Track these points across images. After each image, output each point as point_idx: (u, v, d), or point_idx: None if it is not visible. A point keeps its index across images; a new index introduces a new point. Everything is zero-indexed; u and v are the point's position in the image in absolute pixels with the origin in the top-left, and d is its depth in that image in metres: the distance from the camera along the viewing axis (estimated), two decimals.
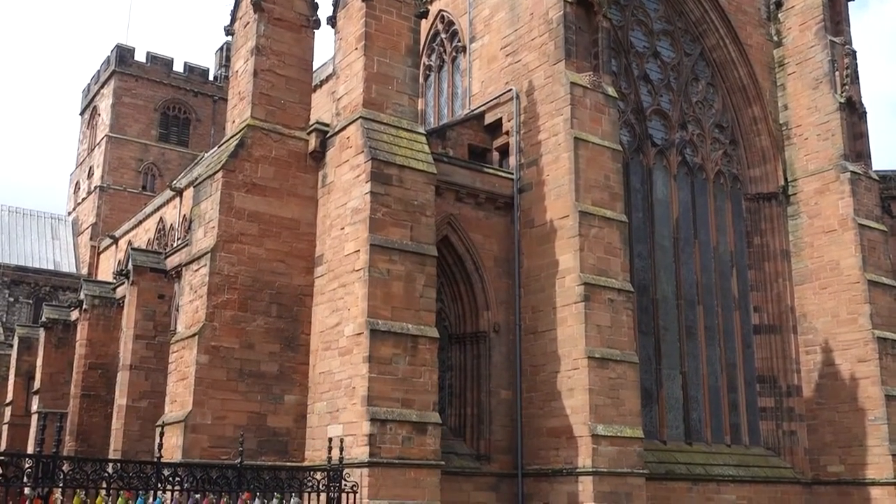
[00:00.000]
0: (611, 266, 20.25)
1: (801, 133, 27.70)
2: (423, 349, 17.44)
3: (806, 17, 28.27)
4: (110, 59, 54.77)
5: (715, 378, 25.61)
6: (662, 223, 25.29)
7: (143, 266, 25.54)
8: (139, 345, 24.89)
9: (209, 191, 19.05)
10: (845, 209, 26.07)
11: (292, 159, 19.61)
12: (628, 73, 25.47)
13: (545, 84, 21.58)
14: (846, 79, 27.29)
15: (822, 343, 25.81)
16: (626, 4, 25.80)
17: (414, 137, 18.98)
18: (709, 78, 27.81)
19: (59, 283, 49.00)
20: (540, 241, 20.95)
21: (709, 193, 26.92)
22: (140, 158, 53.24)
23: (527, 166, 21.73)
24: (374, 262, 17.29)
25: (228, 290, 18.18)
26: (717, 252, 26.68)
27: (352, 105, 19.05)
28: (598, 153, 20.80)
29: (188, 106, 55.91)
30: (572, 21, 21.46)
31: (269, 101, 19.68)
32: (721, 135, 27.74)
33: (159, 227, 41.25)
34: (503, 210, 21.80)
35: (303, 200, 19.54)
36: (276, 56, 19.94)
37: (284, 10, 20.25)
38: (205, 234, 18.79)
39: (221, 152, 19.83)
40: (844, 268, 25.70)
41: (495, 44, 23.80)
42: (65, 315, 32.73)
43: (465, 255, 21.15)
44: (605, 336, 19.58)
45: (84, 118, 59.11)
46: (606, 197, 20.70)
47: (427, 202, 18.43)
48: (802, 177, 27.33)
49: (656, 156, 25.65)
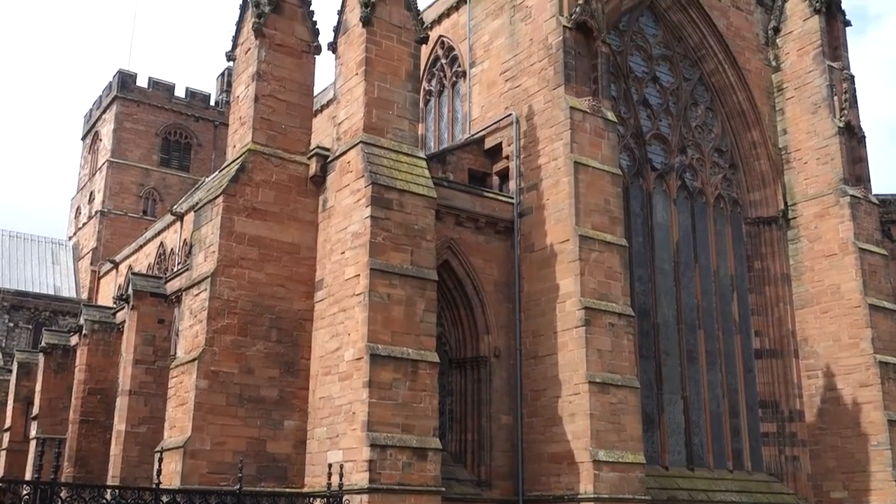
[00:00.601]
0: (611, 290, 20.22)
1: (800, 157, 27.77)
2: (424, 374, 17.37)
3: (804, 42, 28.44)
4: (112, 85, 55.04)
5: (716, 403, 25.49)
6: (662, 247, 25.28)
7: (143, 291, 25.52)
8: (139, 370, 24.81)
9: (210, 215, 19.07)
10: (845, 233, 26.07)
11: (293, 184, 19.64)
12: (627, 97, 25.58)
13: (545, 109, 21.67)
14: (845, 103, 27.41)
15: (824, 367, 25.71)
16: (625, 30, 25.96)
17: (414, 162, 19.03)
18: (708, 102, 27.92)
19: (59, 308, 48.92)
20: (540, 266, 20.93)
21: (709, 217, 26.94)
22: (141, 183, 53.34)
23: (527, 191, 21.76)
24: (375, 286, 17.26)
25: (228, 315, 18.13)
26: (718, 276, 26.65)
27: (352, 130, 19.11)
28: (597, 177, 20.84)
29: (189, 131, 56.11)
30: (571, 46, 21.58)
31: (270, 125, 19.75)
32: (720, 159, 27.81)
33: (160, 251, 41.24)
34: (503, 234, 21.80)
35: (303, 225, 19.55)
36: (277, 81, 20.03)
37: (286, 36, 20.37)
38: (205, 258, 18.78)
39: (222, 177, 19.87)
40: (845, 292, 25.66)
41: (495, 69, 23.92)
42: (64, 340, 32.65)
43: (465, 279, 21.12)
44: (605, 361, 19.51)
45: (86, 143, 59.31)
46: (606, 221, 20.71)
47: (427, 226, 18.43)
48: (802, 201, 27.36)
49: (656, 180, 25.69)
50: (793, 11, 29.06)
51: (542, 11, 22.42)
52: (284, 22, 20.38)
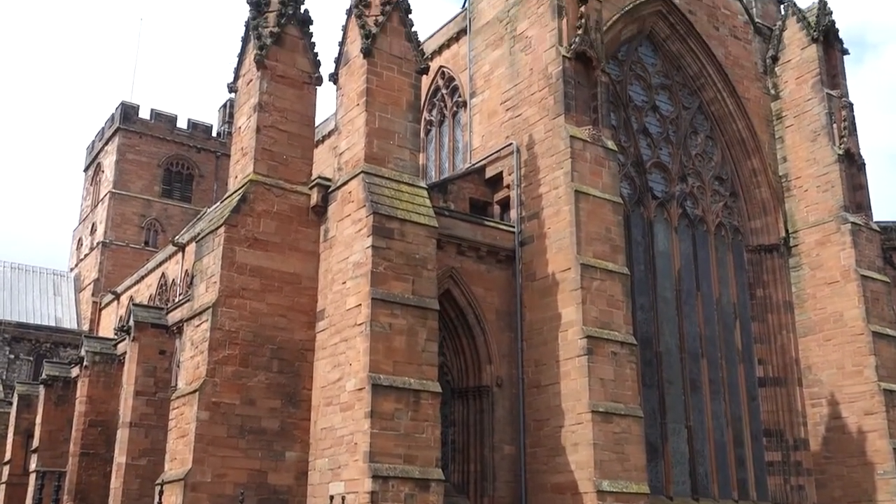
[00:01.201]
0: (613, 319, 20.17)
1: (800, 185, 27.82)
2: (426, 404, 17.27)
3: (802, 70, 28.62)
4: (115, 117, 55.36)
5: (721, 432, 25.32)
6: (664, 275, 25.26)
7: (144, 322, 25.47)
8: (139, 401, 24.69)
9: (211, 246, 19.08)
10: (847, 260, 26.06)
11: (294, 214, 19.67)
12: (627, 126, 25.69)
13: (545, 138, 21.75)
14: (844, 131, 27.52)
15: (829, 396, 25.57)
16: (624, 59, 26.14)
17: (415, 191, 19.07)
18: (707, 131, 28.04)
19: (60, 340, 48.82)
20: (542, 294, 20.90)
21: (710, 245, 26.94)
22: (143, 214, 53.45)
23: (528, 219, 21.79)
24: (376, 316, 17.23)
25: (230, 346, 18.08)
26: (720, 304, 26.60)
27: (353, 160, 19.18)
28: (598, 206, 20.88)
29: (191, 162, 56.32)
30: (571, 76, 21.72)
31: (272, 156, 19.81)
32: (721, 187, 27.87)
33: (161, 282, 41.24)
34: (505, 263, 21.80)
35: (304, 255, 19.55)
36: (278, 112, 20.13)
37: (287, 68, 20.50)
38: (206, 289, 18.77)
39: (224, 207, 19.91)
40: (848, 319, 25.59)
41: (495, 99, 24.05)
42: (65, 372, 32.53)
43: (466, 308, 21.09)
44: (608, 390, 19.41)
45: (88, 175, 59.53)
46: (608, 249, 20.71)
47: (428, 256, 18.43)
48: (803, 228, 27.38)
49: (657, 208, 25.73)
50: (791, 40, 29.27)
51: (541, 42, 22.59)
52: (286, 54, 20.52)
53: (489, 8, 25.11)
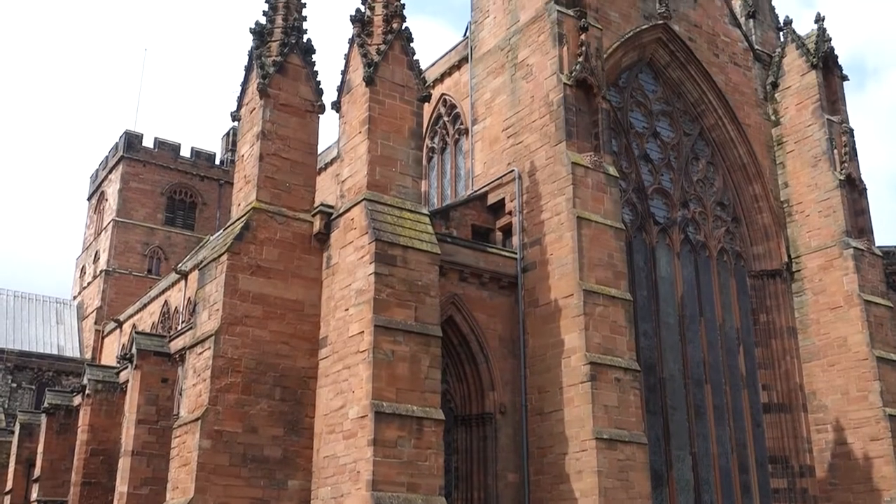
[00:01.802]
0: (616, 345, 20.13)
1: (802, 210, 27.88)
2: (429, 432, 17.19)
3: (802, 96, 28.78)
4: (119, 146, 55.64)
5: (726, 459, 25.16)
6: (667, 301, 25.24)
7: (146, 350, 25.44)
8: (141, 430, 24.60)
9: (214, 273, 19.10)
10: (850, 285, 26.04)
11: (297, 241, 19.71)
12: (629, 152, 25.79)
13: (547, 164, 21.84)
14: (845, 156, 27.62)
15: (834, 421, 25.44)
16: (624, 86, 26.30)
17: (417, 218, 19.11)
18: (709, 157, 28.14)
19: (62, 368, 48.73)
20: (545, 321, 20.88)
21: (712, 271, 26.93)
22: (146, 242, 53.54)
23: (530, 246, 21.81)
24: (379, 343, 17.20)
25: (232, 374, 18.03)
26: (723, 330, 26.54)
27: (356, 187, 19.24)
28: (600, 232, 20.91)
29: (194, 190, 56.51)
30: (572, 103, 21.84)
31: (275, 184, 19.88)
32: (723, 212, 27.92)
33: (164, 310, 41.22)
34: (507, 290, 21.79)
35: (307, 282, 19.56)
36: (281, 140, 20.23)
37: (290, 96, 20.63)
38: (209, 316, 18.76)
39: (227, 235, 19.96)
40: (852, 344, 25.52)
41: (497, 126, 24.18)
42: (67, 400, 32.46)
43: (469, 335, 21.05)
44: (612, 416, 19.32)
45: (91, 203, 59.72)
46: (610, 275, 20.71)
47: (431, 282, 18.44)
48: (805, 253, 27.39)
49: (659, 234, 25.76)
50: (790, 67, 29.47)
51: (542, 69, 22.75)
52: (289, 82, 20.66)
53: (490, 36, 25.32)
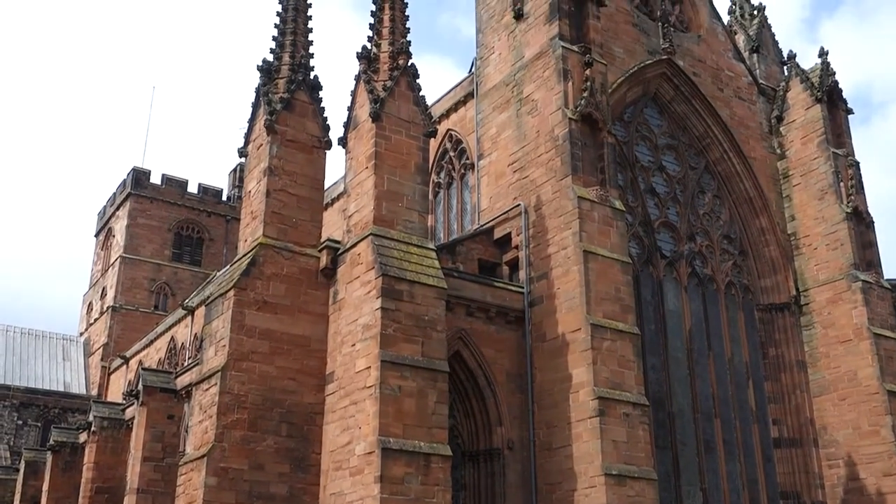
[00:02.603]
0: (625, 379, 19.99)
1: (809, 243, 27.83)
2: (436, 468, 17.04)
3: (807, 130, 28.88)
4: (126, 182, 55.96)
5: (737, 495, 24.85)
6: (675, 335, 25.11)
7: (153, 386, 25.33)
8: (147, 467, 24.40)
9: (221, 309, 19.09)
10: (859, 319, 25.91)
11: (303, 276, 19.71)
12: (635, 186, 25.83)
13: (553, 199, 21.87)
14: (851, 189, 27.63)
15: (845, 456, 25.15)
16: (629, 121, 26.41)
17: (424, 253, 19.11)
18: (715, 190, 28.16)
19: (68, 405, 48.57)
20: (552, 355, 20.77)
21: (720, 304, 26.83)
22: (153, 278, 53.62)
23: (537, 280, 21.77)
24: (386, 378, 17.12)
25: (238, 410, 17.95)
26: (733, 364, 26.37)
27: (362, 222, 19.28)
28: (607, 266, 20.87)
29: (201, 226, 56.70)
30: (578, 137, 21.92)
31: (281, 219, 19.94)
32: (730, 246, 27.88)
33: (170, 346, 41.17)
34: (514, 324, 21.71)
35: (314, 317, 19.53)
36: (288, 176, 20.32)
37: (297, 132, 20.76)
38: (215, 352, 18.72)
39: (233, 270, 19.98)
40: (862, 378, 25.32)
41: (503, 160, 24.26)
42: (73, 438, 32.27)
43: (476, 370, 20.94)
44: (621, 452, 19.13)
45: (99, 240, 59.93)
46: (618, 309, 20.63)
47: (438, 317, 18.38)
48: (814, 286, 27.29)
49: (666, 268, 25.71)
50: (795, 101, 29.61)
51: (547, 104, 22.88)
52: (295, 118, 20.81)
53: (496, 72, 25.51)
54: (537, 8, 24.08)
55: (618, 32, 26.10)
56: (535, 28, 24.02)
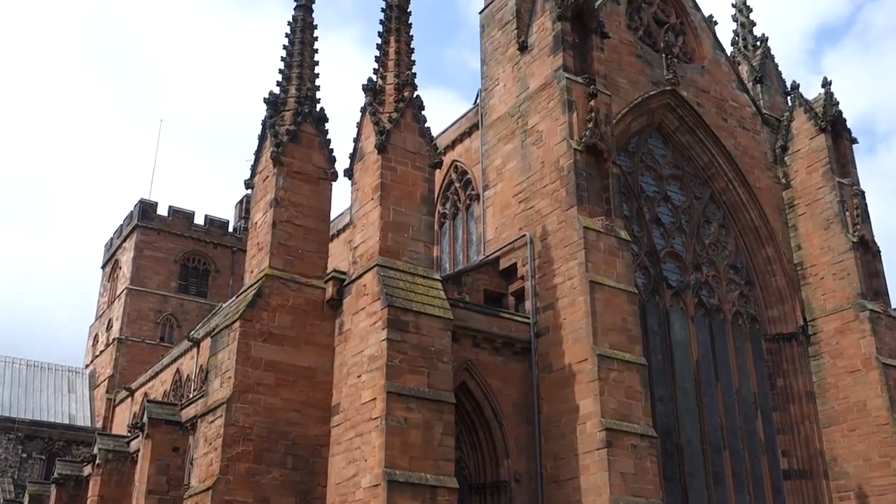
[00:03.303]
0: (632, 410, 19.85)
1: (816, 273, 27.75)
2: (443, 500, 16.89)
3: (812, 160, 28.92)
4: (133, 214, 56.20)
5: None
6: (682, 365, 24.98)
7: (158, 418, 25.27)
8: (151, 500, 24.25)
9: (226, 340, 19.07)
10: (867, 348, 25.76)
11: (309, 308, 19.71)
12: (640, 216, 25.84)
13: (558, 229, 21.88)
14: (857, 218, 27.61)
15: (856, 488, 24.87)
16: (634, 151, 26.49)
17: (430, 284, 19.11)
18: (720, 220, 28.16)
19: (73, 438, 48.36)
20: (559, 386, 20.65)
21: (727, 335, 26.70)
22: (159, 310, 53.64)
23: (543, 310, 21.72)
24: (391, 410, 17.03)
25: (244, 442, 17.86)
26: (741, 394, 26.19)
27: (368, 253, 19.30)
28: (613, 296, 20.82)
29: (208, 257, 56.82)
30: (583, 168, 21.97)
31: (287, 250, 19.98)
32: (736, 276, 27.81)
33: (176, 378, 41.05)
34: (520, 355, 21.63)
35: (319, 349, 19.49)
36: (294, 207, 20.39)
37: (303, 164, 20.87)
38: (221, 384, 18.67)
39: (239, 302, 19.99)
40: (872, 409, 25.13)
41: (508, 191, 24.32)
42: (77, 470, 32.14)
43: (483, 401, 20.83)
44: (629, 484, 18.95)
45: (105, 272, 60.07)
46: (624, 340, 20.55)
47: (444, 348, 18.33)
48: (821, 316, 27.17)
49: (672, 297, 25.64)
50: (799, 130, 29.69)
51: (552, 135, 22.97)
52: (302, 150, 20.93)
53: (500, 103, 25.65)
54: (542, 40, 24.26)
55: (622, 64, 26.27)
56: (539, 60, 24.19)
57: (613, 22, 26.55)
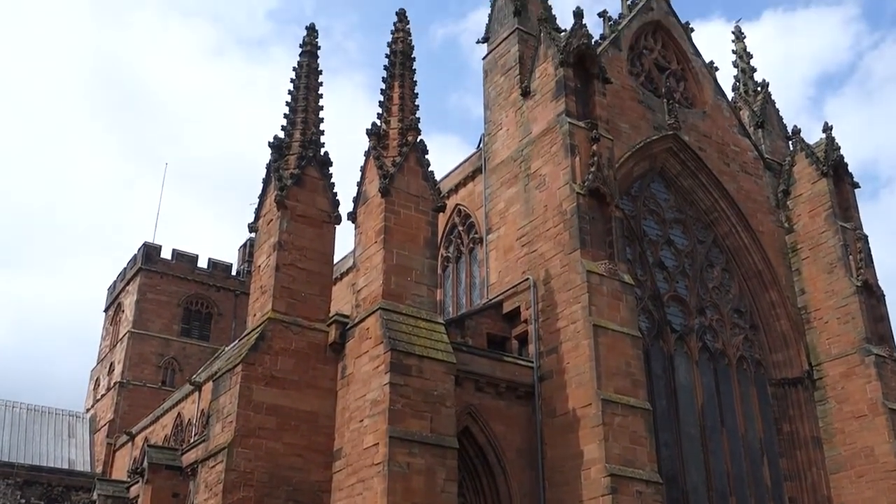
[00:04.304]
0: (637, 456, 19.64)
1: (820, 317, 27.65)
2: None
3: (814, 204, 28.99)
4: (137, 257, 56.31)
5: None
6: (687, 410, 24.78)
7: (158, 463, 25.10)
8: None
9: (228, 384, 18.98)
10: (873, 393, 25.56)
11: (312, 351, 19.64)
12: (643, 260, 25.84)
13: (562, 272, 21.87)
14: (861, 262, 27.58)
15: None
16: (637, 195, 26.58)
17: (433, 327, 19.05)
18: (723, 264, 28.14)
19: (72, 483, 47.81)
20: (563, 431, 20.47)
21: (732, 379, 26.53)
22: (161, 353, 53.49)
23: (546, 354, 21.61)
24: (394, 455, 16.88)
25: (244, 488, 17.67)
26: (746, 440, 25.94)
27: (371, 296, 19.28)
28: (617, 340, 20.73)
29: (210, 301, 56.80)
30: (585, 212, 22.03)
31: (290, 294, 19.97)
32: (740, 320, 27.72)
33: (177, 422, 40.78)
34: (524, 399, 21.48)
35: (322, 392, 19.38)
36: (297, 250, 20.43)
37: (307, 207, 20.95)
38: (222, 428, 18.54)
39: (242, 345, 19.93)
40: (879, 455, 24.85)
41: (511, 235, 24.36)
42: None
43: (486, 446, 20.64)
44: None
45: (108, 315, 60.02)
46: (628, 384, 20.41)
47: (447, 392, 18.22)
48: (826, 361, 27.01)
49: (676, 342, 25.52)
50: (801, 175, 29.81)
51: (555, 179, 23.07)
52: (306, 194, 21.02)
53: (503, 148, 25.82)
54: (544, 85, 24.50)
55: (623, 109, 26.49)
56: (542, 105, 24.40)
57: (615, 67, 26.83)
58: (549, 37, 24.85)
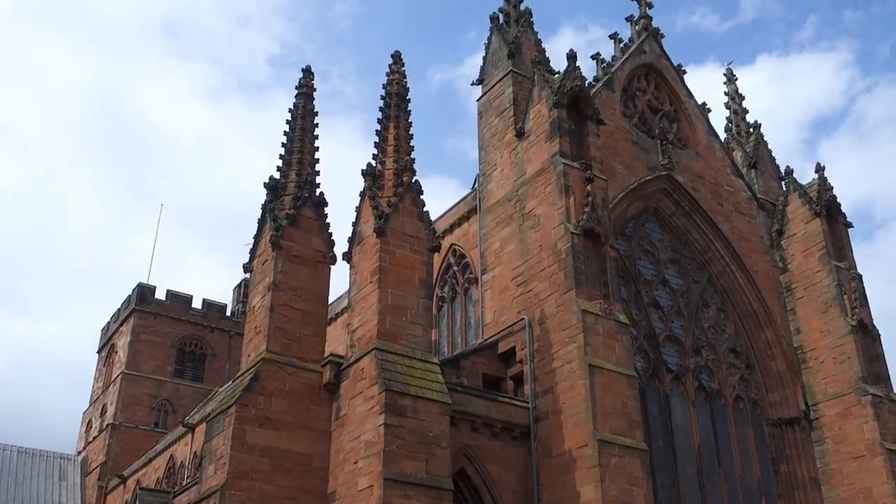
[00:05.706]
0: (634, 498, 19.46)
1: (816, 356, 27.63)
2: None
3: (808, 243, 29.12)
4: (131, 298, 56.14)
5: None
6: (684, 451, 24.61)
7: None
8: None
9: (222, 426, 18.82)
10: (871, 434, 25.45)
11: (306, 392, 19.52)
12: (638, 300, 25.85)
13: (557, 312, 21.85)
14: (855, 302, 27.63)
15: None
16: (631, 235, 26.67)
17: (428, 368, 18.97)
18: (718, 303, 28.17)
19: None
20: (559, 472, 20.30)
21: (729, 419, 26.40)
22: (154, 395, 53.10)
23: (542, 394, 21.51)
24: (389, 497, 16.70)
25: None
26: (744, 481, 25.74)
27: (366, 336, 19.22)
28: (613, 380, 20.65)
29: (204, 341, 56.54)
30: (580, 252, 22.08)
31: (285, 334, 19.89)
32: (736, 359, 27.67)
33: (169, 465, 40.35)
34: (520, 440, 21.32)
35: (316, 434, 19.23)
36: (292, 291, 20.39)
37: (302, 248, 20.96)
38: (215, 470, 18.34)
39: (236, 386, 19.81)
40: (878, 496, 24.69)
41: (506, 274, 24.38)
42: None
43: (481, 487, 20.44)
44: None
45: (101, 356, 59.68)
46: (625, 424, 20.29)
47: (442, 433, 18.09)
48: (823, 401, 26.93)
49: (672, 381, 25.44)
50: (794, 215, 29.98)
51: (550, 219, 23.16)
52: (301, 234, 21.05)
53: (498, 188, 25.95)
54: (538, 126, 24.71)
55: (617, 150, 26.70)
56: (536, 146, 24.57)
57: (609, 109, 27.09)
58: (543, 78, 25.11)
